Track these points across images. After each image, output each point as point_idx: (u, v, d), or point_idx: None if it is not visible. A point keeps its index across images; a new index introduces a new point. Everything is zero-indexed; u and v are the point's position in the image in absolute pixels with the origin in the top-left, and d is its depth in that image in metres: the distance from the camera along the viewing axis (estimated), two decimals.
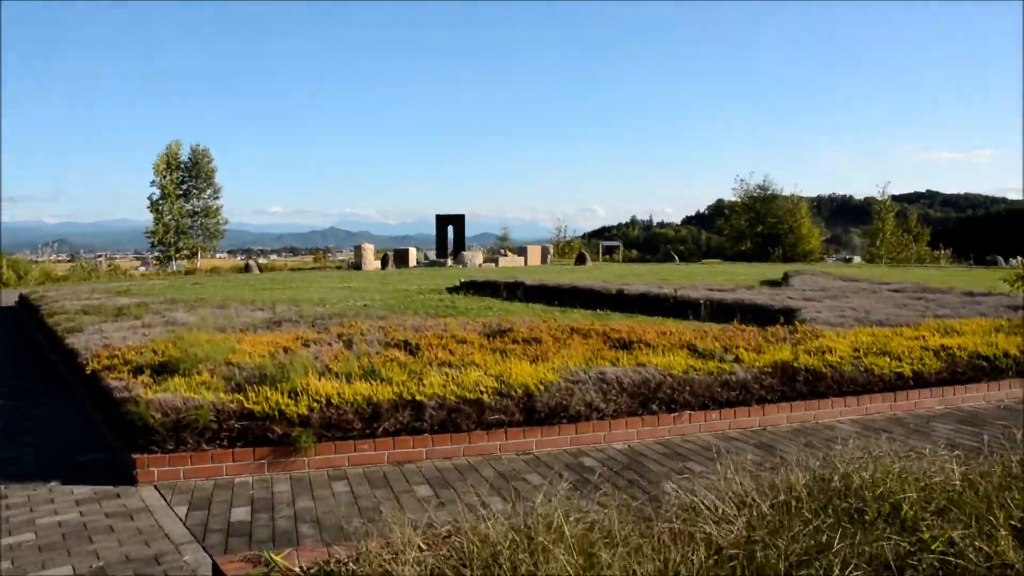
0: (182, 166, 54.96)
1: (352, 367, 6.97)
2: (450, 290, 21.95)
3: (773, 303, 14.59)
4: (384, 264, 40.46)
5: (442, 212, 48.56)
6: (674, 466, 6.21)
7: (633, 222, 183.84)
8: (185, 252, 53.94)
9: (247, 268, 42.13)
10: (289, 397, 6.04)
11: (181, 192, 54.65)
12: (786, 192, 68.61)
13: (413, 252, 44.27)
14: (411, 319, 11.09)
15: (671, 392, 7.09)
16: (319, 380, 6.41)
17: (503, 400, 6.48)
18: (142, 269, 52.87)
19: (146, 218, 53.96)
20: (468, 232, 48.50)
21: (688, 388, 7.17)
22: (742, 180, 69.72)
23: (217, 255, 65.30)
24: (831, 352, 8.40)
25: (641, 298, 16.88)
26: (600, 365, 7.48)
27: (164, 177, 53.57)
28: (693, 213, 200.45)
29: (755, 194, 68.36)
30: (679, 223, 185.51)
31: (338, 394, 6.12)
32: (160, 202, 53.62)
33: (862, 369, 8.07)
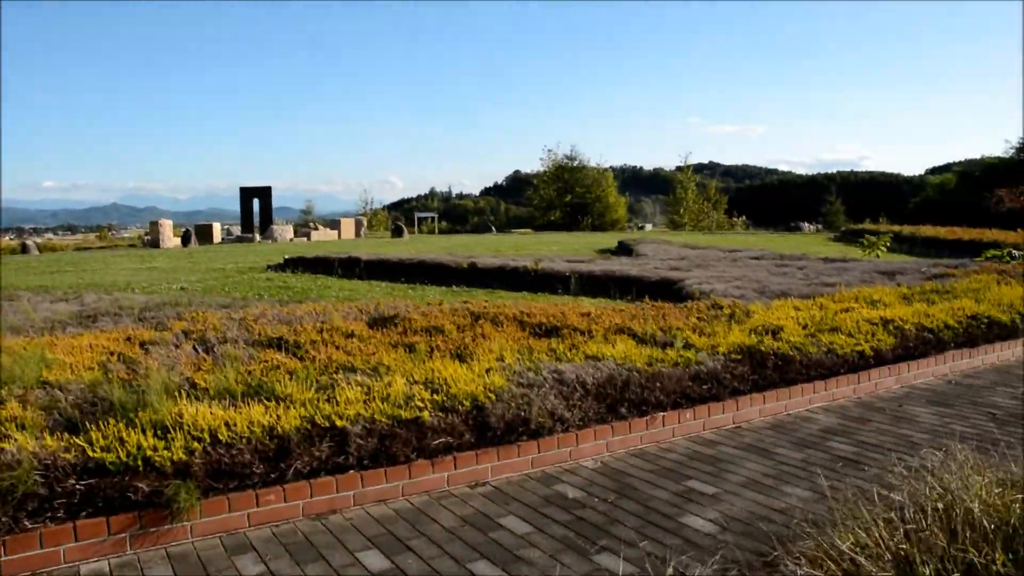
0: None
1: (228, 381, 5.09)
2: (274, 268, 19.73)
3: (648, 274, 13.61)
4: (186, 241, 36.96)
5: (246, 184, 45.20)
6: (674, 488, 4.85)
7: (432, 194, 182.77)
8: None
9: (24, 249, 37.32)
10: (156, 436, 4.13)
11: None
12: (593, 163, 69.61)
13: (217, 227, 40.89)
14: (261, 307, 9.12)
15: (640, 391, 5.70)
16: (192, 405, 4.53)
17: (447, 417, 4.85)
18: None
19: None
20: (279, 204, 45.26)
21: (658, 384, 5.81)
22: (550, 150, 70.05)
23: None
24: (780, 332, 7.32)
25: (498, 272, 15.53)
26: (542, 360, 5.99)
27: None
28: (491, 184, 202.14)
29: (563, 164, 68.89)
30: (478, 194, 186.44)
31: (226, 425, 4.28)
32: None
33: (825, 350, 7.03)
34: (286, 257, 20.59)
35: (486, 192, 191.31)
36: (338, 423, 4.52)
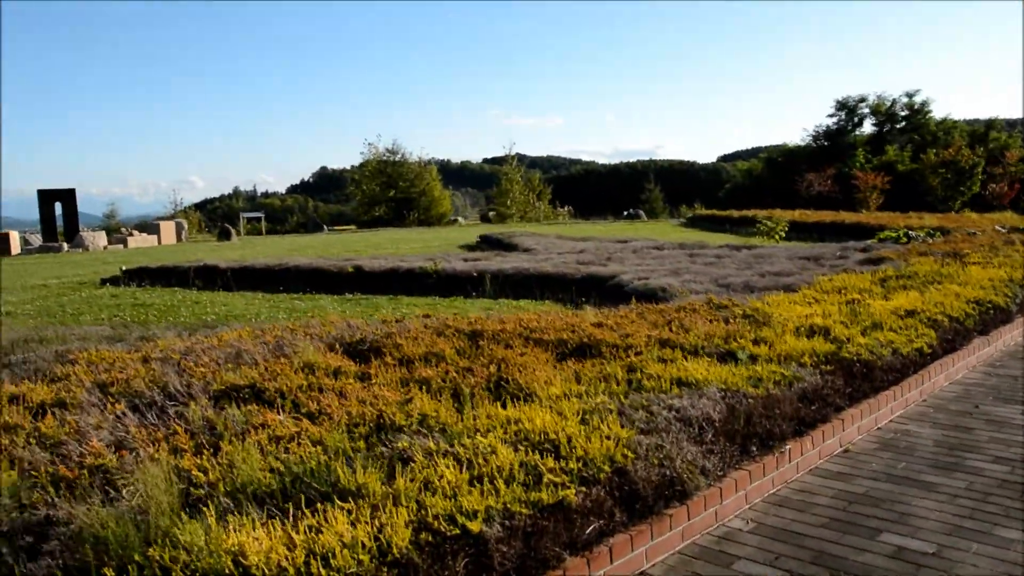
0: None
1: (250, 471, 3.38)
2: (110, 282, 17.08)
3: (568, 271, 12.41)
4: None
5: (44, 187, 40.43)
6: (876, 547, 3.66)
7: (236, 193, 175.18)
8: None
9: None
10: None
11: None
12: (415, 157, 68.22)
13: (15, 236, 36.18)
14: (170, 339, 7.10)
15: (762, 421, 4.43)
16: (223, 528, 2.83)
17: (590, 491, 3.38)
18: None
19: None
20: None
21: (776, 410, 4.55)
22: (371, 144, 67.96)
23: None
24: (829, 333, 6.27)
25: (390, 275, 13.88)
26: (613, 393, 4.59)
27: None
28: (298, 181, 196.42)
29: (385, 158, 67.07)
30: (284, 192, 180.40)
31: (310, 557, 2.64)
32: None
33: (891, 351, 6.02)
34: (124, 268, 17.89)
35: (293, 190, 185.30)
36: (470, 525, 2.95)
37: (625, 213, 56.23)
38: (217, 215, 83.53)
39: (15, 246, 35.35)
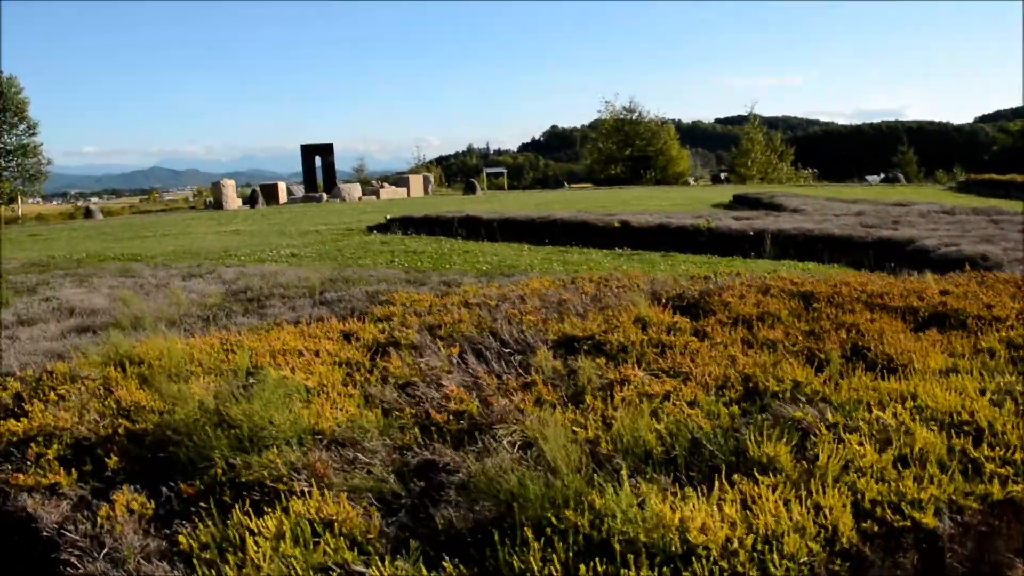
0: None
1: (640, 433, 3.03)
2: (375, 229, 17.73)
3: (856, 233, 11.32)
4: (252, 202, 35.12)
5: (306, 142, 43.11)
6: None
7: (470, 150, 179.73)
8: (3, 198, 46.13)
9: (88, 214, 35.74)
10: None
11: None
12: (651, 115, 66.75)
13: (283, 187, 38.93)
14: (468, 285, 7.02)
15: None
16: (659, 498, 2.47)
17: None
18: None
19: None
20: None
21: None
22: (607, 102, 67.07)
23: (36, 201, 57.21)
24: None
25: (658, 231, 13.34)
26: None
27: None
28: (529, 140, 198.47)
29: (622, 116, 66.13)
30: (515, 150, 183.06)
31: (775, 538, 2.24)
32: None
33: None
34: (388, 217, 18.54)
35: (524, 148, 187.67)
36: (921, 518, 2.44)
37: (882, 176, 52.38)
38: (452, 171, 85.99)
39: (282, 195, 38.00)
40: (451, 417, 3.35)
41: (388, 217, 18.58)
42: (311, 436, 3.13)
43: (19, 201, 46.85)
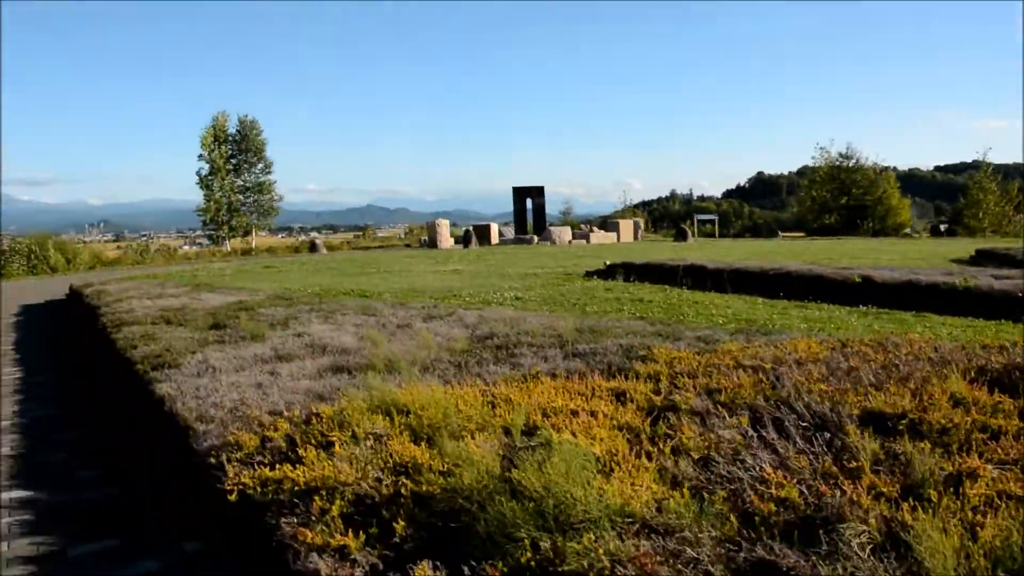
0: (230, 139, 50.60)
1: None
2: (595, 274, 17.48)
3: None
4: (466, 242, 36.00)
5: (518, 184, 43.90)
6: None
7: (673, 196, 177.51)
8: (239, 231, 49.86)
9: (313, 247, 37.85)
10: None
11: (231, 167, 50.35)
12: (870, 162, 63.34)
13: (495, 228, 39.78)
14: (730, 344, 6.50)
15: None
16: None
17: None
18: (186, 248, 49.17)
19: (186, 198, 49.89)
20: (507, 208, 43.51)
21: None
22: (822, 148, 64.27)
23: (265, 234, 61.40)
24: None
25: (906, 288, 12.22)
26: None
27: (212, 151, 49.18)
28: (733, 187, 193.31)
29: (838, 163, 63.18)
30: (719, 196, 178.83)
31: None
32: (209, 178, 49.31)
33: None
34: (608, 263, 18.28)
35: (728, 194, 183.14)
36: None
37: None
38: (655, 216, 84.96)
39: (494, 236, 38.78)
40: (776, 507, 2.88)
41: (608, 263, 18.31)
42: (621, 518, 2.75)
43: (253, 234, 50.49)
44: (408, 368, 5.56)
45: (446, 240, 38.04)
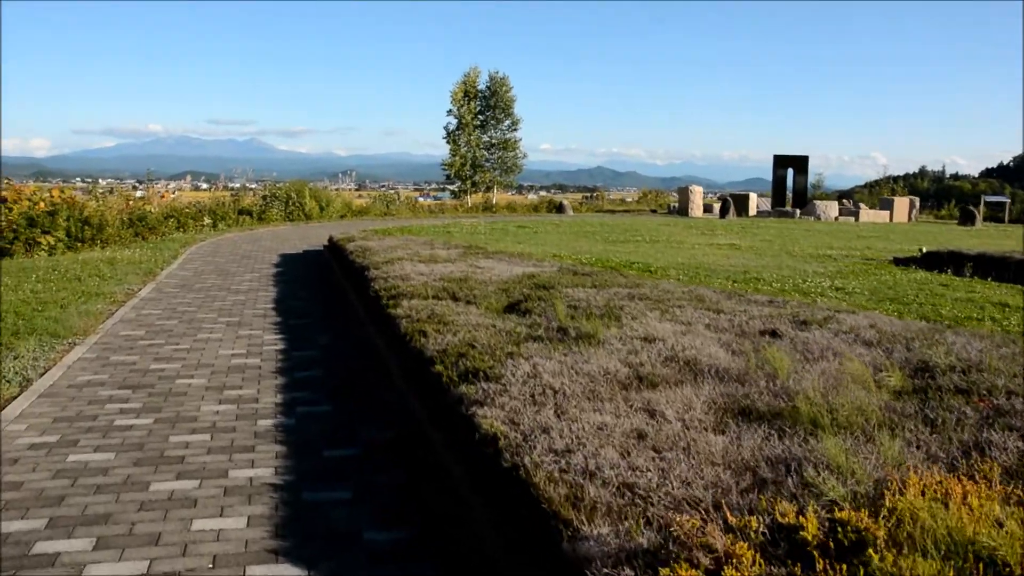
0: (479, 95, 50.06)
1: None
2: (909, 263, 14.57)
3: None
4: (723, 212, 33.23)
5: (780, 152, 40.21)
6: None
7: (922, 173, 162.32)
8: (481, 186, 49.44)
9: (560, 208, 36.42)
10: None
11: (478, 123, 49.86)
12: None
13: (753, 199, 36.64)
14: None
15: None
16: None
17: None
18: (421, 200, 49.50)
19: (424, 152, 49.87)
20: (755, 175, 39.63)
21: None
22: None
23: (508, 192, 60.98)
24: None
25: None
26: None
27: (461, 106, 48.83)
28: (995, 165, 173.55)
29: None
30: (976, 176, 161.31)
31: None
32: (456, 132, 49.07)
33: None
34: (924, 250, 15.27)
35: (987, 173, 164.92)
36: None
37: None
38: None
39: (752, 208, 35.73)
40: None
41: (923, 250, 15.30)
42: None
43: (494, 191, 49.95)
44: (846, 423, 3.52)
45: (697, 208, 35.42)
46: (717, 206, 36.23)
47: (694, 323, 5.85)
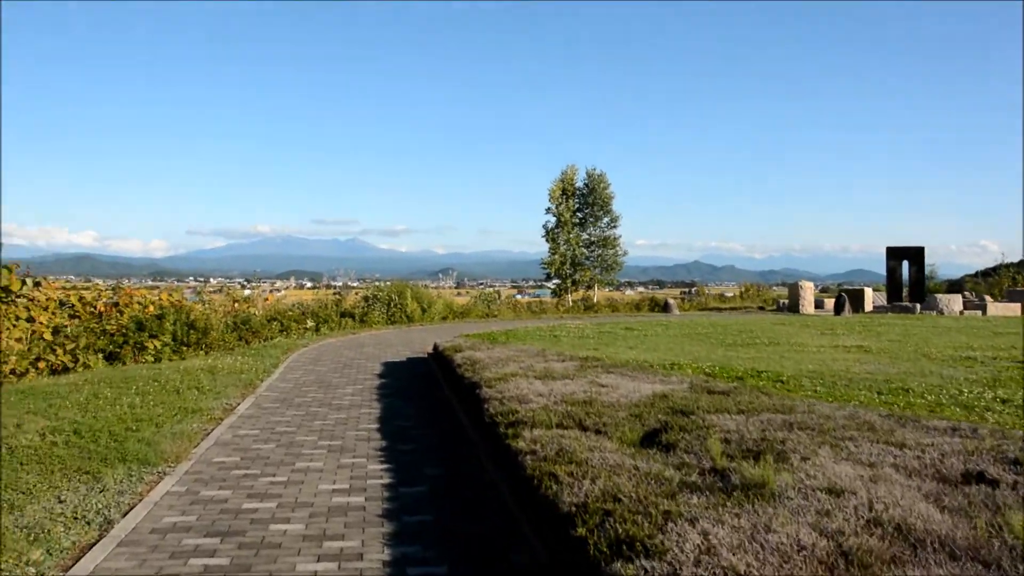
0: (577, 192, 49.96)
1: None
2: None
3: None
4: (838, 309, 31.60)
5: (893, 244, 38.44)
6: None
7: None
8: (582, 284, 48.84)
9: (665, 307, 35.37)
10: None
11: (577, 220, 49.61)
12: None
13: (869, 293, 34.89)
14: None
15: None
16: None
17: None
18: (519, 297, 49.07)
19: (521, 250, 49.67)
20: (857, 266, 37.70)
21: None
22: None
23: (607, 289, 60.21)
24: None
25: None
26: None
27: (560, 204, 48.77)
28: None
29: None
30: None
31: None
32: (555, 230, 48.88)
33: None
34: None
35: None
36: None
37: None
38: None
39: (868, 303, 34.00)
40: None
41: None
42: None
43: (595, 289, 49.26)
44: None
45: (808, 304, 33.91)
46: (829, 302, 34.65)
47: (877, 464, 4.87)
